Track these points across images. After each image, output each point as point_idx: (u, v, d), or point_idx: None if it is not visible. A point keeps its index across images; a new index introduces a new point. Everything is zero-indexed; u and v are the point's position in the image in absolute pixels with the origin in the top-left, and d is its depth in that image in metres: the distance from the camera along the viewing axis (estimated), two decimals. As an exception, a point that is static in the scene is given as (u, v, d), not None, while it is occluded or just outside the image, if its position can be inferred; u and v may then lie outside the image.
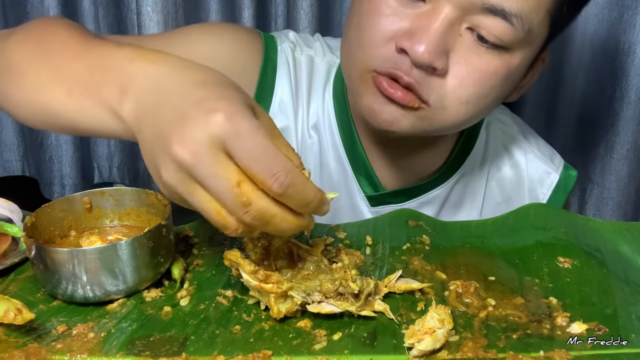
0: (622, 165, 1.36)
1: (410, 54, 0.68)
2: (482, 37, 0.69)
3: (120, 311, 0.57)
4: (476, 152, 0.91)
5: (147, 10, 1.28)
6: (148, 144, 0.51)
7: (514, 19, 0.67)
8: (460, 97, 0.71)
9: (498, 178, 0.92)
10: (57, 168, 1.47)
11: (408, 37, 0.68)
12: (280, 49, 0.86)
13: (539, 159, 0.92)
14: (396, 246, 0.67)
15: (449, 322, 0.53)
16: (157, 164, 0.50)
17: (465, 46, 0.70)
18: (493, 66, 0.71)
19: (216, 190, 0.48)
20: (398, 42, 0.69)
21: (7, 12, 1.40)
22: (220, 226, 0.50)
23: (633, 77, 1.30)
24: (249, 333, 0.54)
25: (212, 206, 0.49)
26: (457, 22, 0.68)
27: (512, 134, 0.93)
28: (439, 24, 0.68)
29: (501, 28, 0.68)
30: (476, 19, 0.68)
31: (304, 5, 1.34)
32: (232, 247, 0.67)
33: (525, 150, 0.93)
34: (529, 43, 0.72)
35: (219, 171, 0.48)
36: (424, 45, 0.67)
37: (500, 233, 0.71)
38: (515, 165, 0.92)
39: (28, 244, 0.58)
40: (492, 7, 0.66)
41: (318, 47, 0.89)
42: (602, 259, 0.66)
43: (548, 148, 0.95)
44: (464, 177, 0.91)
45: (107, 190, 0.66)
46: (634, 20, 1.27)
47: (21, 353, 0.51)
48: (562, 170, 0.93)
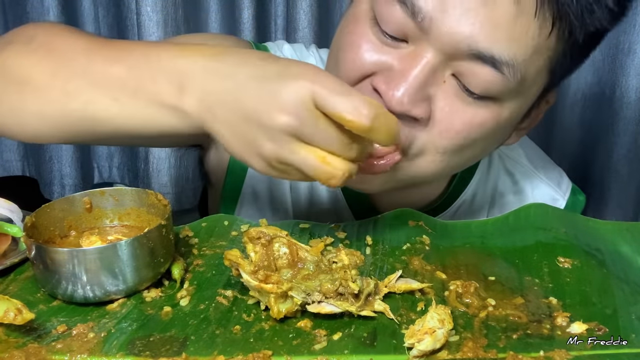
0: (622, 165, 1.36)
1: (385, 99, 0.62)
2: (467, 88, 0.62)
3: (120, 311, 0.57)
4: (478, 180, 0.86)
5: (146, 10, 1.28)
6: (235, 126, 0.55)
7: (505, 68, 0.60)
8: (438, 147, 0.66)
9: (502, 205, 0.88)
10: (57, 168, 1.47)
11: (385, 79, 0.63)
12: None
13: (546, 184, 0.88)
14: (396, 246, 0.67)
15: (449, 322, 0.53)
16: (256, 139, 0.54)
17: (449, 94, 0.63)
18: (479, 118, 0.64)
19: (323, 138, 0.53)
20: (373, 82, 0.64)
21: (7, 12, 1.40)
22: (327, 175, 0.55)
23: (633, 77, 1.30)
24: (249, 333, 0.54)
25: (317, 155, 0.54)
26: (440, 68, 0.62)
27: (516, 158, 0.89)
28: (419, 70, 0.61)
29: (490, 77, 0.61)
30: (462, 65, 0.61)
31: (304, 5, 1.34)
32: (232, 247, 0.67)
33: (530, 176, 0.88)
34: (522, 93, 0.65)
35: (322, 123, 0.53)
36: (400, 92, 0.61)
37: (500, 233, 0.71)
38: (520, 192, 0.88)
39: (28, 244, 0.58)
40: (480, 53, 0.59)
41: (312, 62, 0.86)
42: (602, 259, 0.66)
43: (555, 171, 0.91)
44: (465, 206, 0.87)
45: (107, 190, 0.66)
46: (634, 20, 1.27)
47: (21, 353, 0.51)
48: (570, 195, 0.89)
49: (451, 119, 0.64)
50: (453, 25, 0.59)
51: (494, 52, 0.60)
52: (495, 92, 0.62)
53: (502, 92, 0.63)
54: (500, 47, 0.59)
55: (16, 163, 1.50)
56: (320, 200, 0.86)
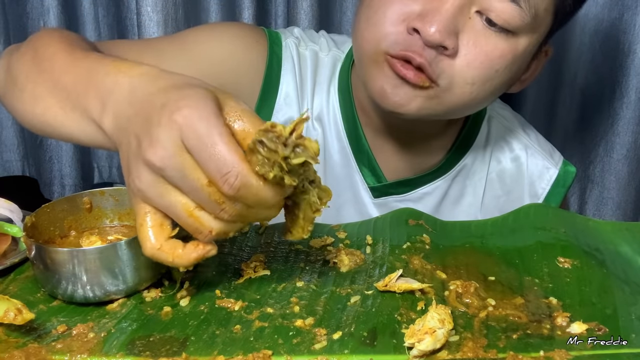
0: (622, 165, 1.36)
1: (422, 33, 0.70)
2: (490, 21, 0.71)
3: (120, 311, 0.57)
4: (477, 145, 0.92)
5: (147, 10, 1.28)
6: (124, 153, 0.52)
7: (522, 2, 0.70)
8: (466, 78, 0.74)
9: (499, 171, 0.93)
10: (57, 168, 1.47)
11: (420, 18, 0.71)
12: (285, 44, 0.88)
13: (539, 153, 0.94)
14: (396, 245, 0.67)
15: (449, 322, 0.53)
16: (131, 170, 0.51)
17: (474, 29, 0.72)
18: (500, 49, 0.73)
19: (188, 190, 0.49)
20: (410, 23, 0.72)
21: (7, 12, 1.39)
22: (193, 229, 0.51)
23: (633, 77, 1.30)
24: (249, 333, 0.54)
25: (184, 208, 0.50)
26: (467, 5, 0.71)
27: (512, 128, 0.95)
28: (450, 5, 0.70)
29: (510, 11, 0.70)
30: (485, 1, 0.71)
31: (304, 5, 1.34)
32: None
33: (525, 144, 0.94)
34: (534, 29, 0.74)
35: (188, 172, 0.48)
36: (435, 26, 0.70)
37: (500, 233, 0.71)
38: (516, 159, 0.93)
39: (28, 244, 0.58)
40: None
41: (323, 42, 0.91)
42: (602, 259, 0.66)
43: (548, 144, 0.97)
44: (465, 169, 0.92)
45: (107, 190, 0.66)
46: (634, 20, 1.26)
47: (21, 353, 0.51)
48: (562, 166, 0.94)
49: (476, 51, 0.73)
50: None
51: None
52: (514, 25, 0.72)
53: (519, 26, 0.72)
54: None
55: (16, 163, 1.50)
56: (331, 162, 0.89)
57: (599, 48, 1.32)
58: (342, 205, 0.89)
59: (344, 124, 0.88)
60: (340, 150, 0.89)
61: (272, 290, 0.60)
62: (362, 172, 0.89)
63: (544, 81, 1.36)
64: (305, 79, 0.88)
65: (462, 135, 0.91)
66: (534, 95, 1.38)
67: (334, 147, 0.89)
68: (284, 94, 0.87)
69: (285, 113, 0.87)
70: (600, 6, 1.28)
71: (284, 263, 0.65)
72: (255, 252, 0.66)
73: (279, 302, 0.58)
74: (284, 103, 0.87)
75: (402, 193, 0.90)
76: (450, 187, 0.92)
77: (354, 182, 0.89)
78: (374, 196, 0.89)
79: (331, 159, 0.89)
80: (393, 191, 0.90)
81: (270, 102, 0.87)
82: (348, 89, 0.87)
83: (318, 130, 0.88)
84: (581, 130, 1.39)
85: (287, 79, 0.87)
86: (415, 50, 0.72)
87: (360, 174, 0.89)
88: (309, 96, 0.88)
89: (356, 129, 0.87)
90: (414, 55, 0.72)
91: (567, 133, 1.40)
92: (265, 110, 0.86)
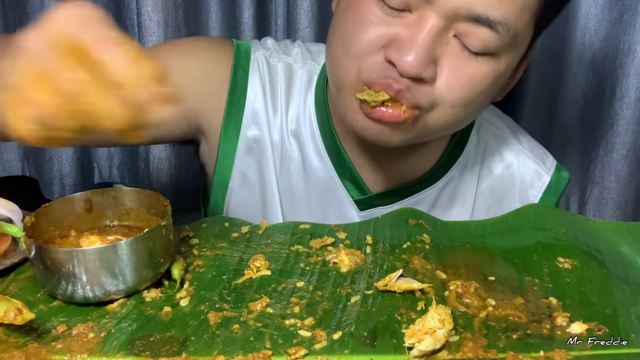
0: (622, 165, 1.36)
1: (398, 66, 0.68)
2: (469, 45, 0.69)
3: (120, 311, 0.57)
4: (466, 155, 0.90)
5: (147, 10, 1.28)
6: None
7: (499, 27, 0.67)
8: (448, 101, 0.71)
9: (490, 180, 0.91)
10: (57, 168, 1.47)
11: (396, 48, 0.68)
12: (253, 57, 0.86)
13: (531, 159, 0.92)
14: (396, 245, 0.68)
15: (449, 322, 0.53)
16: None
17: (453, 53, 0.69)
18: (481, 72, 0.70)
19: None
20: (386, 53, 0.69)
21: (7, 12, 1.39)
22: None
23: (633, 77, 1.29)
24: (249, 333, 0.54)
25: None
26: (443, 31, 0.68)
27: (503, 135, 0.93)
28: (426, 35, 0.67)
29: (487, 36, 0.67)
30: (462, 27, 0.67)
31: (304, 5, 1.34)
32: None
33: (516, 151, 0.92)
34: (515, 47, 0.72)
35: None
36: (411, 58, 0.67)
37: (500, 233, 0.71)
38: (508, 167, 0.92)
39: (28, 244, 0.58)
40: (477, 16, 0.66)
41: (297, 53, 0.88)
42: (602, 259, 0.66)
43: (540, 149, 0.95)
44: (454, 180, 0.90)
45: (107, 190, 0.66)
46: (634, 20, 1.26)
47: (21, 353, 0.51)
48: (554, 171, 0.92)
49: (457, 75, 0.70)
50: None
51: (489, 14, 0.66)
52: (493, 48, 0.69)
53: (498, 48, 0.69)
54: (494, 9, 0.66)
55: (16, 163, 1.50)
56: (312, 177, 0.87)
57: (599, 48, 1.32)
58: (327, 218, 0.86)
59: (322, 138, 0.85)
60: (321, 166, 0.86)
61: (272, 290, 0.60)
62: (346, 186, 0.86)
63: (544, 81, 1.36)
64: (277, 93, 0.85)
65: (450, 146, 0.88)
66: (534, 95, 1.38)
67: (314, 162, 0.86)
68: (250, 109, 0.84)
69: (252, 130, 0.85)
70: (600, 6, 1.28)
71: (284, 263, 0.65)
72: (255, 252, 0.66)
73: (279, 302, 0.58)
74: (251, 119, 0.84)
75: (389, 204, 0.87)
76: (439, 198, 0.89)
77: (338, 196, 0.87)
78: (360, 209, 0.87)
79: (312, 174, 0.87)
80: (379, 202, 0.87)
81: (236, 118, 0.84)
82: (324, 103, 0.85)
83: (294, 146, 0.86)
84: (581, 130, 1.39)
85: (254, 93, 0.84)
86: (393, 77, 0.69)
87: (343, 187, 0.86)
88: (282, 110, 0.85)
89: (335, 143, 0.85)
90: (391, 81, 0.69)
91: (567, 133, 1.40)
92: (232, 126, 0.84)
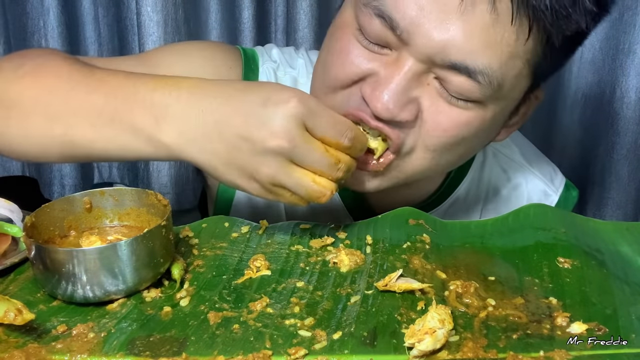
0: (622, 165, 1.36)
1: (371, 106, 0.65)
2: (449, 91, 0.64)
3: (120, 311, 0.57)
4: (471, 176, 0.88)
5: (147, 10, 1.28)
6: (225, 157, 0.60)
7: (480, 76, 0.62)
8: (427, 144, 0.68)
9: (496, 202, 0.89)
10: (57, 168, 1.47)
11: (371, 86, 0.65)
12: (262, 70, 0.85)
13: (539, 179, 0.90)
14: (396, 244, 0.67)
15: (449, 322, 0.53)
16: (250, 165, 0.59)
17: (433, 95, 0.65)
18: (464, 118, 0.66)
19: (314, 160, 0.59)
20: (362, 89, 0.66)
21: (7, 12, 1.39)
22: (318, 194, 0.61)
23: (633, 77, 1.30)
24: (249, 333, 0.54)
25: (310, 178, 0.60)
26: (424, 73, 0.64)
27: (511, 156, 0.90)
28: (402, 77, 0.64)
29: (466, 85, 0.63)
30: (440, 72, 0.64)
31: (304, 5, 1.34)
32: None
33: (524, 171, 0.90)
34: (503, 97, 0.66)
35: (312, 145, 0.59)
36: (384, 100, 0.64)
37: (500, 233, 0.71)
38: (515, 188, 0.89)
39: (28, 244, 0.58)
40: (454, 64, 0.62)
41: (301, 65, 0.87)
42: (602, 259, 0.66)
43: (549, 166, 0.92)
44: (458, 201, 0.88)
45: (107, 190, 0.66)
46: (634, 20, 1.27)
47: (21, 353, 0.51)
48: (563, 190, 0.90)
49: (438, 118, 0.66)
50: (428, 39, 0.62)
51: (468, 62, 0.62)
52: (474, 97, 0.65)
53: (480, 97, 0.64)
54: (474, 57, 0.62)
55: (16, 163, 1.50)
56: None
57: (599, 48, 1.32)
58: None
59: None
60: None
61: (272, 290, 0.60)
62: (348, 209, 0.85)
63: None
64: None
65: (454, 169, 0.85)
66: (534, 96, 1.38)
67: None
68: None
69: None
70: (600, 6, 1.28)
71: (284, 263, 0.65)
72: (255, 252, 0.66)
73: (279, 302, 0.58)
74: None
75: None
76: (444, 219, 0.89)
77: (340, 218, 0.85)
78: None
79: None
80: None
81: None
82: None
83: None
84: (581, 130, 1.39)
85: None
86: (369, 112, 0.66)
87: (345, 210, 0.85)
88: None
89: None
90: (367, 118, 0.66)
91: (567, 133, 1.40)
92: None
